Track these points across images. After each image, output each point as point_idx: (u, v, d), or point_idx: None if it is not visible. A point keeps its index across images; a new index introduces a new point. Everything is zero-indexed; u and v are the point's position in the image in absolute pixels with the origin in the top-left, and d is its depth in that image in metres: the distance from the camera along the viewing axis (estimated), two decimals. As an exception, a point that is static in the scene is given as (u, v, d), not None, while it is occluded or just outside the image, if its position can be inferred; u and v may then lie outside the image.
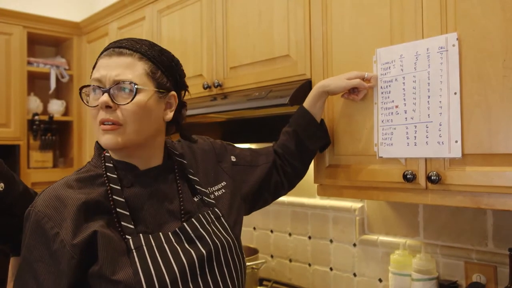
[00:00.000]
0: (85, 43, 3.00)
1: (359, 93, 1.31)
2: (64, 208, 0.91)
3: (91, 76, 1.01)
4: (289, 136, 1.34)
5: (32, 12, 2.90)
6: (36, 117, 2.89)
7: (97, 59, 1.00)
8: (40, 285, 0.87)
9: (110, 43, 1.02)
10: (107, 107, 0.93)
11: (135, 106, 0.94)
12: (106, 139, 0.94)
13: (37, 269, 0.88)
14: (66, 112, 3.09)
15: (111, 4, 2.59)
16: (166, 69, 1.01)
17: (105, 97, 0.93)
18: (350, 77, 1.29)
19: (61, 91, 3.14)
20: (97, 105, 0.94)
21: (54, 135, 3.00)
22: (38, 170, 2.90)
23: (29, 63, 2.89)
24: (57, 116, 3.02)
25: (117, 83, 0.94)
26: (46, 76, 3.00)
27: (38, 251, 0.89)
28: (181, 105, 1.09)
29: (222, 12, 1.82)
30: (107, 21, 2.69)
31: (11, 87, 2.75)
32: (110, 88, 0.94)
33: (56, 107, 3.05)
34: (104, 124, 0.94)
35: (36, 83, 3.06)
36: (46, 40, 3.10)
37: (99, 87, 0.95)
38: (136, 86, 0.94)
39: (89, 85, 0.97)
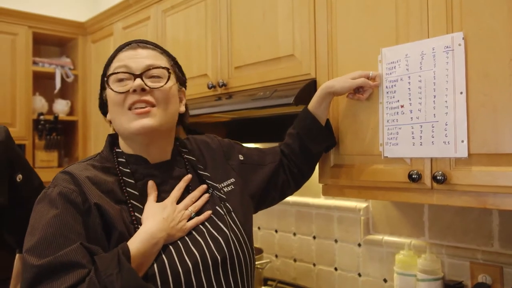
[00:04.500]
0: (90, 43, 3.00)
1: (364, 93, 1.31)
2: (85, 186, 0.92)
3: (107, 67, 1.05)
4: (293, 138, 1.35)
5: (37, 12, 2.91)
6: (41, 117, 2.90)
7: (116, 54, 1.05)
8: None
9: (127, 42, 1.08)
10: (142, 90, 0.98)
11: (167, 89, 1.02)
12: (139, 123, 0.98)
13: (72, 239, 0.86)
14: (71, 112, 3.10)
15: (115, 4, 2.60)
16: (178, 67, 1.11)
17: (139, 81, 0.98)
18: (354, 77, 1.29)
19: (66, 91, 3.16)
20: (127, 91, 0.98)
21: (59, 134, 3.01)
22: (43, 169, 2.90)
23: (34, 63, 2.90)
24: (62, 116, 3.03)
25: (150, 69, 1.00)
26: (51, 76, 3.01)
27: (70, 222, 0.87)
28: (185, 104, 1.16)
29: (226, 11, 1.82)
30: (112, 21, 2.69)
31: (17, 87, 2.77)
32: (143, 73, 0.99)
33: (61, 106, 3.06)
34: (137, 108, 0.98)
35: (41, 83, 3.07)
36: (51, 40, 3.11)
37: (130, 73, 0.99)
38: (169, 71, 1.03)
39: (116, 73, 1.00)
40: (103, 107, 1.09)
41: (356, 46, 1.36)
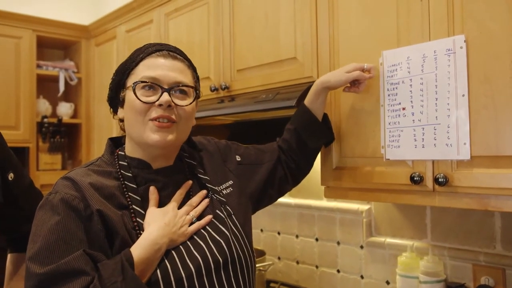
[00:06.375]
0: (93, 46, 3.02)
1: (359, 85, 1.31)
2: (86, 192, 0.92)
3: (131, 67, 1.02)
4: (290, 133, 1.35)
5: (41, 16, 2.93)
6: (45, 120, 2.92)
7: (144, 57, 1.02)
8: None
9: (156, 45, 1.05)
10: (168, 106, 0.98)
11: (190, 108, 1.03)
12: (159, 136, 0.98)
13: (74, 246, 0.86)
14: (74, 115, 3.12)
15: (119, 7, 2.61)
16: (198, 80, 1.11)
17: (167, 97, 0.97)
18: (349, 70, 1.29)
19: (70, 94, 3.17)
20: (152, 102, 0.97)
21: (63, 137, 3.03)
22: (47, 172, 2.93)
23: (38, 66, 2.92)
24: (66, 119, 3.05)
25: (178, 85, 1.00)
26: (55, 79, 3.03)
27: (72, 229, 0.87)
28: None
29: (229, 15, 1.83)
30: (115, 24, 2.71)
31: (21, 90, 2.79)
32: (171, 89, 0.99)
33: (64, 109, 3.08)
34: (159, 121, 0.98)
35: (45, 86, 3.08)
36: (54, 43, 3.13)
37: (158, 85, 0.99)
38: (196, 91, 1.04)
39: (145, 82, 0.99)
40: (116, 103, 1.07)
41: (357, 49, 1.37)
